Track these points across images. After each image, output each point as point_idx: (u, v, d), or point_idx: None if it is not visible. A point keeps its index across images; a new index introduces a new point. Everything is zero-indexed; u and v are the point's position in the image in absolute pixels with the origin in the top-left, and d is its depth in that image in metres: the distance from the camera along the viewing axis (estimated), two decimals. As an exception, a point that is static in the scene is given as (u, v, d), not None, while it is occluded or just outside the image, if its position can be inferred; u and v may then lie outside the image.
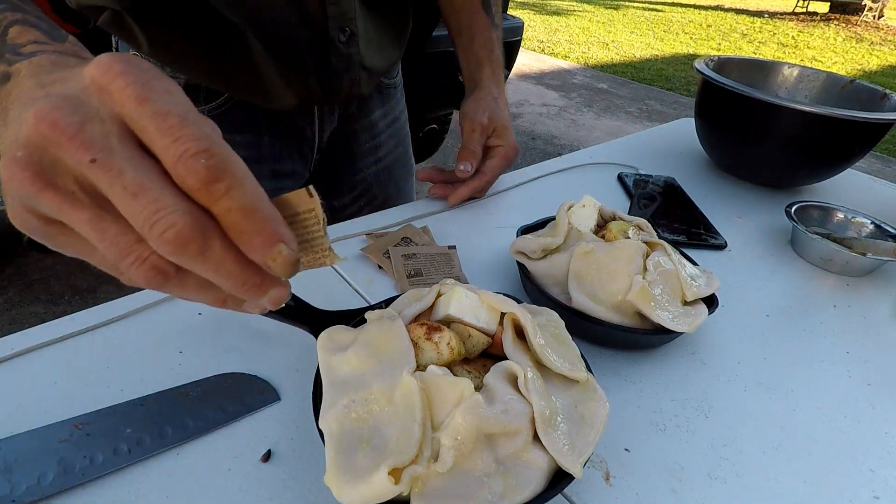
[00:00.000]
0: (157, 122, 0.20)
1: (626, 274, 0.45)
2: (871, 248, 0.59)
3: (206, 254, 0.20)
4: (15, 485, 0.30)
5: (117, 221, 0.20)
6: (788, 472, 0.37)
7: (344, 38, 0.60)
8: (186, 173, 0.20)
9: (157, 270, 0.21)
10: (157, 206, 0.19)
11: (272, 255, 0.21)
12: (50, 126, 0.20)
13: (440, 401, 0.30)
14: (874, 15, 8.97)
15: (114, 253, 0.21)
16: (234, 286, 0.21)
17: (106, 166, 0.20)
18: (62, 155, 0.20)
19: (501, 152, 0.66)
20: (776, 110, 0.71)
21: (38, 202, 0.20)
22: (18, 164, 0.20)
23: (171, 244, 0.19)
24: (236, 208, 0.20)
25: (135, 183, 0.19)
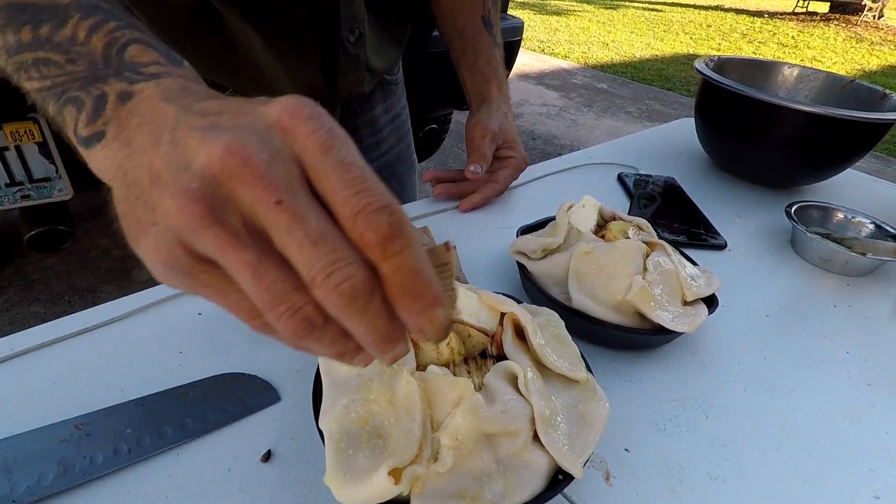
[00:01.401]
0: (340, 171, 0.19)
1: (626, 274, 0.45)
2: (871, 248, 0.59)
3: (367, 308, 0.19)
4: (15, 485, 0.30)
5: (277, 267, 0.19)
6: (788, 472, 0.37)
7: (353, 39, 0.62)
8: (367, 228, 0.19)
9: (307, 322, 0.19)
10: (335, 257, 0.19)
11: (430, 317, 0.20)
12: (242, 162, 0.18)
13: (440, 401, 0.30)
14: (874, 15, 8.97)
15: (267, 299, 0.19)
16: (375, 341, 0.20)
17: (291, 210, 0.19)
18: (242, 192, 0.19)
19: (513, 163, 0.67)
20: (776, 110, 0.71)
21: (200, 238, 0.19)
22: (191, 196, 0.18)
23: (344, 297, 0.19)
24: (406, 268, 0.19)
25: (317, 231, 0.19)
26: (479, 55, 0.68)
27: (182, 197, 0.19)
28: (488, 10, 0.69)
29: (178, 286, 0.21)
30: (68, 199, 1.47)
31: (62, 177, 1.42)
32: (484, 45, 0.68)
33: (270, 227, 0.19)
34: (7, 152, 1.34)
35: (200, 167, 0.19)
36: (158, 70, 0.24)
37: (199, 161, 0.19)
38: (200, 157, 0.19)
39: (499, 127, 0.66)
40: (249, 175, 0.18)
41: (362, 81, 0.67)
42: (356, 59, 0.64)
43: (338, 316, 0.19)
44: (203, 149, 0.19)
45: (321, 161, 0.19)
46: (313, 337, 0.20)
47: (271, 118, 0.20)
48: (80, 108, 0.24)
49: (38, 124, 1.34)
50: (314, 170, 0.20)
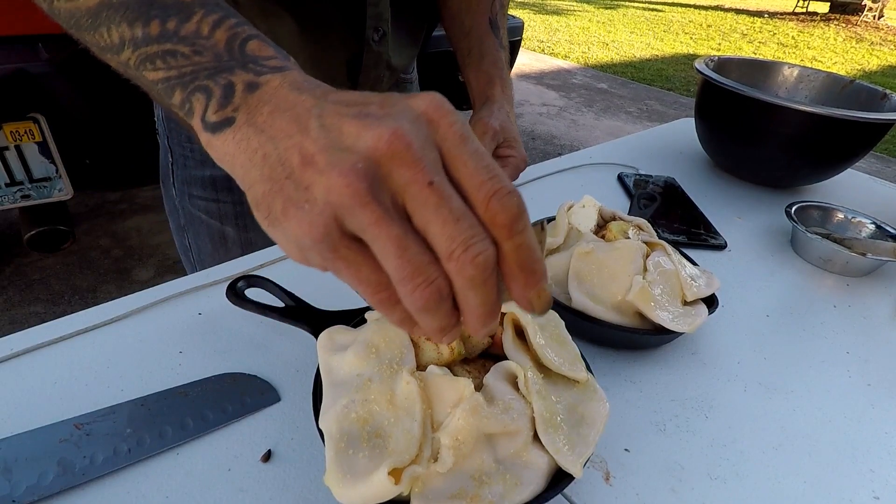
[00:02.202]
0: (476, 159, 0.22)
1: (626, 274, 0.45)
2: (871, 249, 0.59)
3: (488, 282, 0.22)
4: (15, 485, 0.30)
5: (417, 241, 0.21)
6: (788, 472, 0.37)
7: (377, 38, 0.64)
8: (500, 210, 0.21)
9: (438, 294, 0.22)
10: (474, 232, 0.21)
11: (539, 291, 0.23)
12: (406, 146, 0.21)
13: (440, 401, 0.30)
14: (874, 15, 8.97)
15: (408, 270, 0.21)
16: (485, 314, 0.22)
17: (440, 190, 0.21)
18: (400, 173, 0.21)
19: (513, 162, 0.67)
20: (776, 110, 0.71)
21: (359, 213, 0.21)
22: (358, 174, 0.20)
23: (479, 268, 0.21)
24: (526, 246, 0.22)
25: (460, 209, 0.21)
26: (485, 56, 0.69)
27: (350, 175, 0.20)
28: (496, 13, 0.70)
29: (314, 261, 0.23)
30: (68, 199, 1.47)
31: (62, 177, 1.42)
32: (490, 47, 0.69)
33: (419, 204, 0.21)
34: (7, 152, 1.34)
35: (367, 148, 0.21)
36: (279, 64, 0.26)
37: (364, 143, 0.21)
38: (367, 140, 0.21)
39: (500, 125, 0.66)
40: (410, 158, 0.21)
41: (382, 79, 0.69)
42: (378, 56, 0.66)
43: (464, 287, 0.22)
44: (368, 133, 0.21)
45: (461, 150, 0.22)
46: (435, 309, 0.22)
47: (419, 109, 0.23)
48: (209, 95, 0.25)
49: (38, 124, 1.34)
50: (453, 157, 0.22)
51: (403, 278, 0.21)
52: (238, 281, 0.43)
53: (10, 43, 1.31)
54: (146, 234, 2.07)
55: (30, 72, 1.29)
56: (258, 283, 0.43)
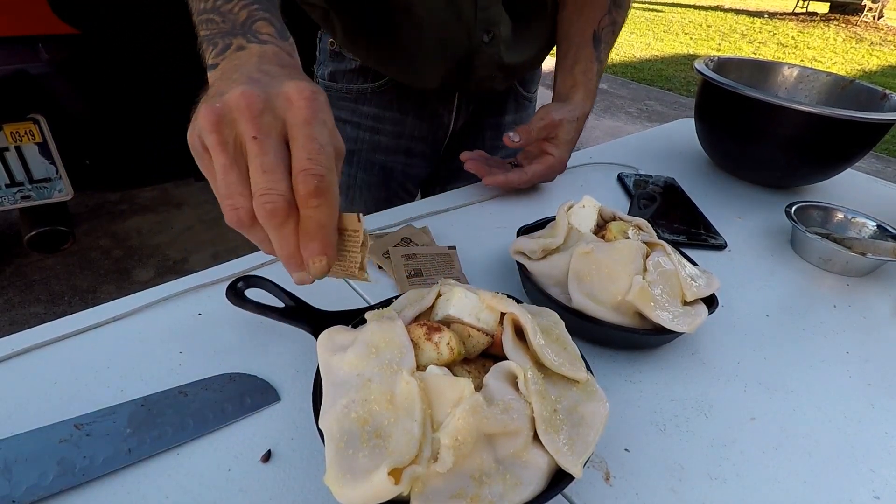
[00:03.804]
0: (306, 139, 0.29)
1: (625, 274, 0.45)
2: (871, 249, 0.59)
3: (280, 229, 0.30)
4: (15, 485, 0.30)
5: (239, 175, 0.29)
6: (788, 472, 0.37)
7: (487, 39, 0.69)
8: (302, 182, 0.29)
9: (239, 219, 0.30)
10: (271, 185, 0.28)
11: (314, 259, 0.31)
12: (245, 104, 0.29)
13: (440, 401, 0.30)
14: (874, 15, 8.97)
15: (221, 192, 0.30)
16: (283, 256, 0.31)
17: (260, 145, 0.29)
18: (239, 122, 0.29)
19: (549, 161, 0.68)
20: (776, 110, 0.71)
21: (206, 137, 0.30)
22: (213, 112, 0.29)
23: (265, 211, 0.29)
24: (314, 219, 0.30)
25: (268, 164, 0.29)
26: (578, 63, 0.71)
27: (209, 109, 0.29)
28: (602, 28, 0.72)
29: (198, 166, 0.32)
30: (68, 200, 1.47)
31: (62, 177, 1.42)
32: (585, 57, 0.71)
33: (247, 150, 0.29)
34: (7, 153, 1.34)
35: (227, 97, 0.30)
36: (268, 39, 0.37)
37: (228, 94, 0.30)
38: (230, 92, 0.30)
39: (559, 120, 0.66)
40: (247, 115, 0.29)
41: (493, 79, 0.74)
42: (489, 57, 0.70)
43: (263, 223, 0.29)
44: (235, 89, 0.30)
45: (299, 128, 0.30)
46: (245, 231, 0.31)
47: (284, 89, 0.30)
48: (214, 47, 0.37)
49: (38, 125, 1.34)
50: (291, 131, 0.30)
51: (220, 195, 0.30)
52: (238, 281, 0.43)
53: (10, 43, 1.31)
54: (146, 234, 2.07)
55: (30, 72, 1.29)
56: (258, 283, 0.43)
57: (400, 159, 0.81)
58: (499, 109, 0.85)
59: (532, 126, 0.66)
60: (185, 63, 1.44)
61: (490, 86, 0.75)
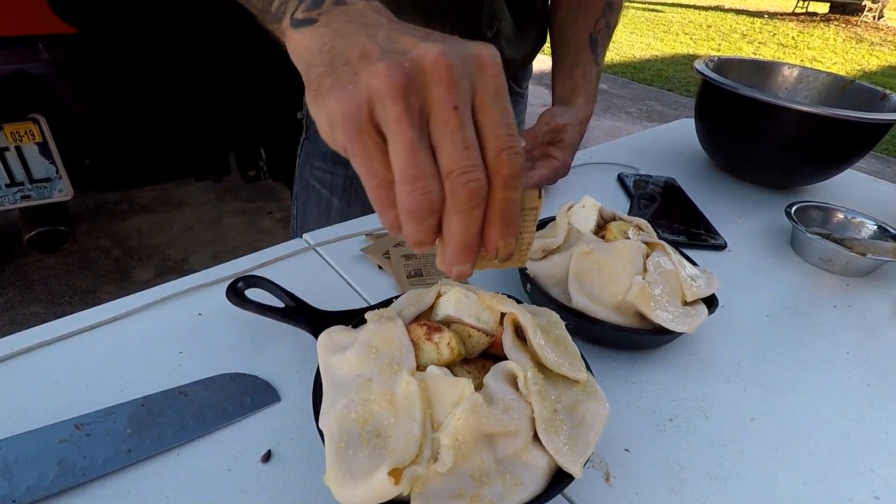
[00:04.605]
0: (503, 114, 0.25)
1: (626, 274, 0.45)
2: (871, 249, 0.59)
3: (472, 211, 0.25)
4: (15, 485, 0.30)
5: (428, 152, 0.24)
6: (788, 472, 0.37)
7: (490, 34, 0.69)
8: (506, 162, 0.24)
9: (430, 203, 0.24)
10: (475, 163, 0.24)
11: (507, 241, 0.26)
12: (447, 67, 0.24)
13: (440, 401, 0.30)
14: (874, 15, 8.96)
15: (411, 173, 0.24)
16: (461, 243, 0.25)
17: (461, 117, 0.24)
18: (434, 88, 0.24)
19: (553, 165, 0.68)
20: (776, 111, 0.71)
21: (388, 104, 0.23)
22: (401, 70, 0.23)
23: (466, 192, 0.24)
24: (511, 200, 0.25)
25: (471, 140, 0.24)
26: (577, 67, 0.71)
27: (395, 68, 0.23)
28: (598, 31, 0.72)
29: (338, 140, 0.26)
30: (68, 200, 1.47)
31: (62, 177, 1.42)
32: (584, 60, 0.71)
33: (440, 122, 0.24)
34: (7, 152, 1.34)
35: (416, 55, 0.24)
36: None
37: (416, 52, 0.24)
38: (419, 50, 0.24)
39: (564, 124, 0.66)
40: (447, 79, 0.24)
41: None
42: None
43: (452, 208, 0.24)
44: (423, 45, 0.24)
45: (493, 99, 0.25)
46: (422, 218, 0.25)
47: (474, 50, 0.25)
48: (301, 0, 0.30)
49: (38, 125, 1.34)
50: (484, 103, 0.25)
51: (405, 178, 0.24)
52: (238, 281, 0.43)
53: (10, 43, 1.31)
54: (146, 234, 2.07)
55: (30, 72, 1.29)
56: (258, 283, 0.43)
57: None
58: None
59: (537, 130, 0.66)
60: (185, 63, 1.45)
61: None
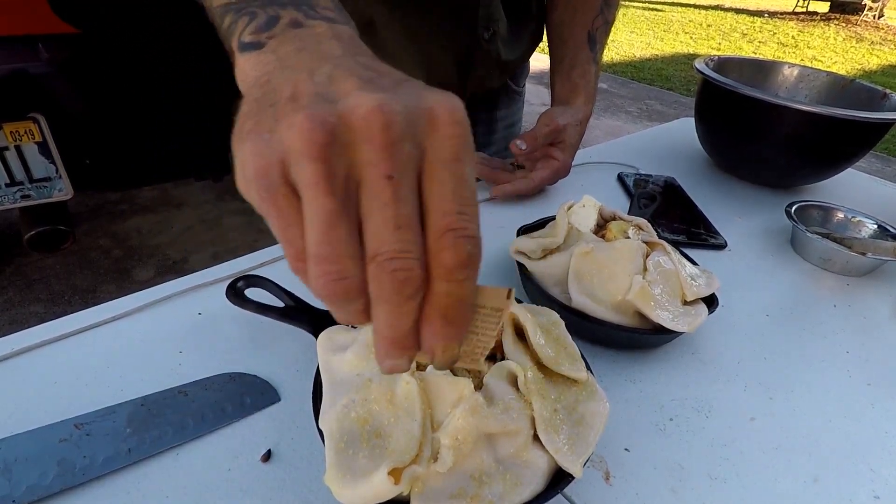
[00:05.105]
0: (456, 185, 0.20)
1: (626, 274, 0.45)
2: (872, 248, 0.59)
3: (402, 305, 0.20)
4: (15, 485, 0.30)
5: (349, 229, 0.19)
6: (788, 472, 0.37)
7: (487, 36, 0.69)
8: (450, 247, 0.19)
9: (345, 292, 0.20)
10: (407, 247, 0.19)
11: (446, 347, 0.21)
12: (382, 125, 0.19)
13: (440, 401, 0.30)
14: (874, 15, 8.96)
15: (324, 252, 0.19)
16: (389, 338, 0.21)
17: (396, 189, 0.19)
18: (364, 150, 0.19)
19: (554, 166, 0.68)
20: (776, 110, 0.70)
21: (304, 164, 0.19)
22: (323, 126, 0.19)
23: (392, 281, 0.19)
24: (456, 296, 0.20)
25: (406, 218, 0.19)
26: (576, 67, 0.70)
27: (315, 121, 0.19)
28: (596, 29, 0.71)
29: (252, 197, 0.21)
30: (68, 199, 1.47)
31: (62, 177, 1.42)
32: (582, 59, 0.71)
33: (369, 192, 0.19)
34: (7, 152, 1.34)
35: (346, 108, 0.20)
36: (333, 16, 0.27)
37: (347, 103, 0.20)
38: (350, 100, 0.20)
39: (564, 124, 0.66)
40: (380, 140, 0.19)
41: (492, 76, 0.73)
42: (488, 54, 0.70)
43: (376, 297, 0.20)
44: (357, 95, 0.20)
45: (446, 165, 0.20)
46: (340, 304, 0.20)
47: (428, 103, 0.20)
48: (252, 19, 0.27)
49: (38, 124, 1.34)
50: (434, 169, 0.20)
51: (316, 257, 0.19)
52: (238, 281, 0.43)
53: (10, 43, 1.31)
54: (146, 234, 2.07)
55: (30, 72, 1.29)
56: (258, 282, 0.43)
57: None
58: (491, 104, 0.84)
59: (538, 132, 0.65)
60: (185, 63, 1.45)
61: (486, 84, 0.75)
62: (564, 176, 0.70)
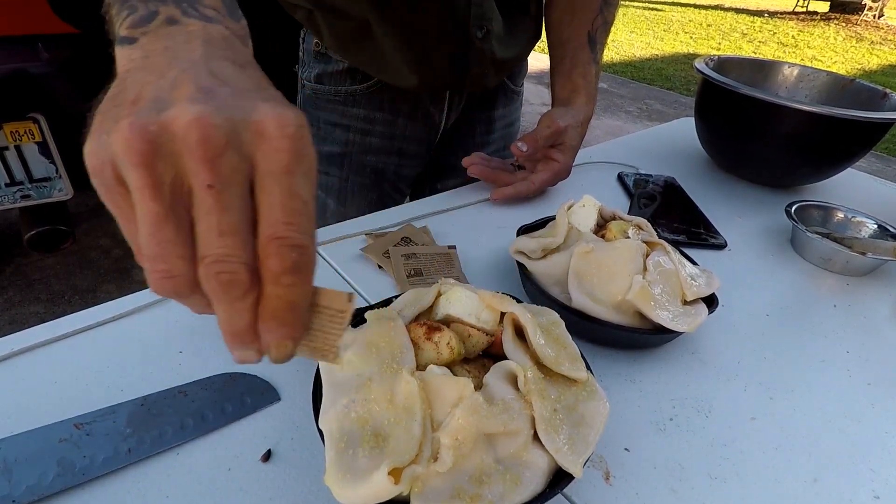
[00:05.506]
0: (284, 197, 0.21)
1: (625, 274, 0.45)
2: (871, 248, 0.59)
3: (234, 304, 0.21)
4: (15, 485, 0.30)
5: (176, 230, 0.20)
6: (788, 472, 0.37)
7: (481, 35, 0.68)
8: (275, 254, 0.20)
9: (175, 289, 0.21)
10: (231, 252, 0.20)
11: (279, 344, 0.22)
12: (199, 138, 0.20)
13: (440, 401, 0.30)
14: (874, 14, 8.96)
15: (153, 252, 0.20)
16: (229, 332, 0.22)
17: (217, 198, 0.20)
18: (185, 160, 0.20)
19: (554, 168, 0.68)
20: (776, 110, 0.70)
21: (128, 170, 0.20)
22: (144, 136, 0.20)
23: (220, 286, 0.20)
24: (284, 299, 0.21)
25: (229, 225, 0.20)
26: (576, 67, 0.70)
27: (136, 130, 0.20)
28: (596, 29, 0.71)
29: (97, 189, 0.22)
30: (68, 199, 1.47)
31: (62, 177, 1.42)
32: (583, 60, 0.70)
33: (196, 199, 0.20)
34: (7, 152, 1.34)
35: (167, 118, 0.20)
36: (213, 15, 0.27)
37: (172, 112, 0.20)
38: (176, 110, 0.20)
39: (565, 126, 0.66)
40: (199, 152, 0.20)
41: (487, 75, 0.73)
42: (482, 53, 0.70)
43: (209, 295, 0.21)
44: (182, 105, 0.20)
45: (274, 178, 0.21)
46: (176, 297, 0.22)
47: (258, 115, 0.21)
48: (131, 13, 0.27)
49: (38, 124, 1.34)
50: (263, 180, 0.21)
51: (148, 256, 0.21)
52: (238, 281, 0.42)
53: (10, 43, 1.31)
54: (146, 233, 2.07)
55: (30, 72, 1.29)
56: (258, 282, 0.43)
57: (392, 160, 0.81)
58: (489, 104, 0.84)
59: (539, 134, 0.65)
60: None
61: (483, 83, 0.75)
62: (565, 177, 0.70)
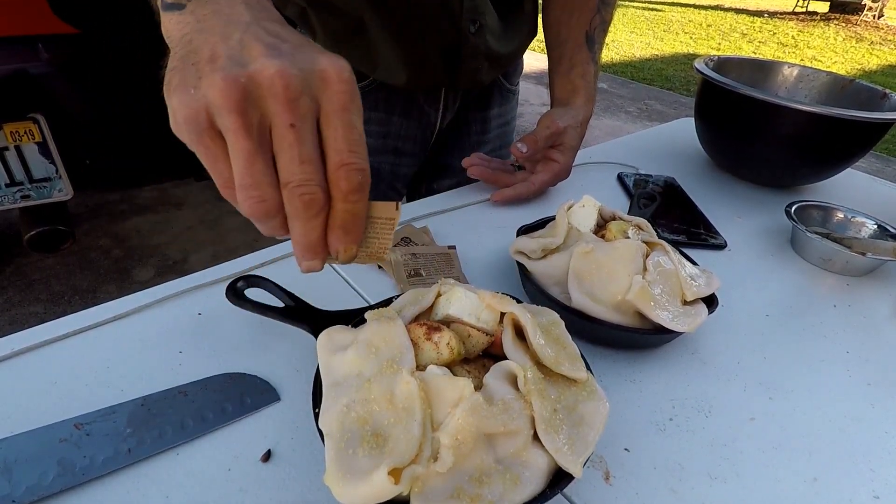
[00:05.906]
0: (346, 130, 0.27)
1: (625, 274, 0.45)
2: (871, 248, 0.59)
3: (311, 220, 0.27)
4: (15, 485, 0.30)
5: (265, 163, 0.26)
6: (788, 472, 0.37)
7: (474, 30, 0.69)
8: (344, 178, 0.27)
9: (265, 211, 0.26)
10: (310, 177, 0.26)
11: (345, 248, 0.29)
12: (282, 85, 0.25)
13: (440, 401, 0.30)
14: (874, 14, 8.96)
15: (247, 182, 0.26)
16: (303, 244, 0.28)
17: (298, 134, 0.26)
18: (270, 104, 0.25)
19: (554, 168, 0.68)
20: (776, 110, 0.70)
21: (224, 115, 0.25)
22: (237, 85, 0.25)
23: (301, 202, 0.26)
24: (352, 212, 0.28)
25: (307, 155, 0.26)
26: (575, 67, 0.70)
27: (230, 81, 0.25)
28: (594, 29, 0.71)
29: (184, 137, 0.26)
30: (68, 199, 1.47)
31: (62, 177, 1.42)
32: (581, 60, 0.70)
33: (277, 137, 0.26)
34: (7, 152, 1.34)
35: (254, 71, 0.25)
36: None
37: (254, 66, 0.25)
38: (256, 64, 0.25)
39: (564, 127, 0.66)
40: (283, 97, 0.25)
41: (481, 70, 0.73)
42: (475, 48, 0.70)
43: (290, 215, 0.27)
44: (262, 60, 0.25)
45: (337, 115, 0.27)
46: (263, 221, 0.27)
47: (320, 65, 0.27)
48: None
49: (38, 124, 1.34)
50: (328, 118, 0.27)
51: (241, 186, 0.26)
52: (238, 281, 0.43)
53: (10, 43, 1.31)
54: (146, 234, 2.07)
55: (30, 72, 1.29)
56: (258, 282, 0.43)
57: (388, 159, 0.81)
58: (484, 103, 0.84)
59: (538, 135, 0.65)
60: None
61: (477, 78, 0.75)
62: (565, 178, 0.70)
